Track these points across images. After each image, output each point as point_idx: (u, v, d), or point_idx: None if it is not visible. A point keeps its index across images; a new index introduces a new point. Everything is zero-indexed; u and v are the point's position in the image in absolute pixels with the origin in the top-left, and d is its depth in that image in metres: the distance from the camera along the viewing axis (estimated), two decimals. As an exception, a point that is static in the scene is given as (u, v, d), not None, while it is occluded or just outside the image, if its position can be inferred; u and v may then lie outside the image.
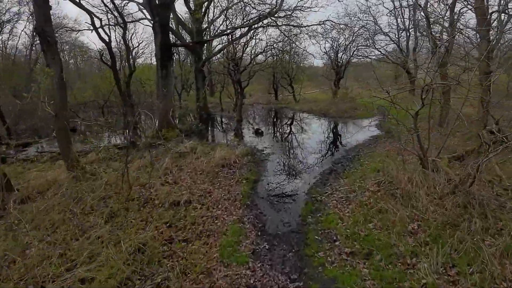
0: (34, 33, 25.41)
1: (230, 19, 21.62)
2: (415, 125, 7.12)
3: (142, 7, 18.80)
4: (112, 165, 10.03)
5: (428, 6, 15.95)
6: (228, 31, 19.29)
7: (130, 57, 15.92)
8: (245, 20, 19.83)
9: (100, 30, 14.21)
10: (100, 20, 13.59)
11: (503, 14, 12.73)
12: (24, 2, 25.68)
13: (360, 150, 11.71)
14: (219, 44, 27.02)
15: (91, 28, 14.11)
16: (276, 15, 20.70)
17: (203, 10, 20.97)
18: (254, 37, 20.96)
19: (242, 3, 20.34)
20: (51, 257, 5.03)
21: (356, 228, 5.79)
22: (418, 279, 4.38)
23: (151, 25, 16.12)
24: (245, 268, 4.96)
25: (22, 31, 45.86)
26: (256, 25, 19.71)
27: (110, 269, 4.72)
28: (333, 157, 11.23)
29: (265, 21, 21.27)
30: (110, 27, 18.53)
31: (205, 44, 25.23)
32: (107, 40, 13.93)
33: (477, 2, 10.69)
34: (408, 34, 28.86)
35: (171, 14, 21.13)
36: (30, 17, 26.76)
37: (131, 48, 18.08)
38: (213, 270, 4.89)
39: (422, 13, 19.49)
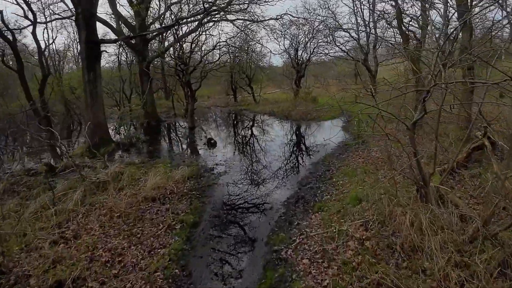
0: None
1: (176, 14, 18.87)
2: (412, 140, 5.05)
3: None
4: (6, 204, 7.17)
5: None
6: (170, 24, 16.54)
7: (43, 58, 12.72)
8: (191, 13, 17.19)
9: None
10: (1, 12, 10.41)
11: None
12: None
13: (330, 163, 9.65)
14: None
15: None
16: (228, 9, 18.38)
17: (145, 4, 18.08)
18: (205, 33, 18.37)
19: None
20: None
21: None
22: None
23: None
24: None
25: None
26: (205, 19, 17.17)
27: None
28: (299, 175, 9.07)
29: (217, 16, 18.92)
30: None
31: (150, 43, 22.29)
32: (11, 39, 10.79)
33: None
34: (369, 30, 27.53)
35: (113, 8, 18.13)
36: None
37: (44, 47, 14.68)
38: None
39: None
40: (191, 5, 18.25)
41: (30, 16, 11.13)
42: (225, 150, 12.46)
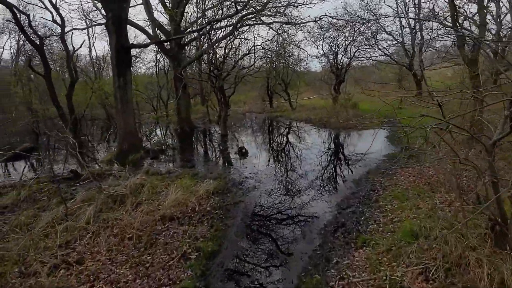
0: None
1: (209, 18, 18.37)
2: (491, 165, 3.81)
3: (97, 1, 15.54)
4: (21, 215, 6.75)
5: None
6: (201, 26, 15.97)
7: (73, 63, 12.62)
8: (226, 16, 16.55)
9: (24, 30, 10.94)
10: (28, 16, 10.36)
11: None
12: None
13: (375, 181, 8.38)
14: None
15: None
16: (264, 12, 17.56)
17: (180, 8, 17.76)
18: (239, 37, 17.67)
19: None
20: None
21: None
22: None
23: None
24: None
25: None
26: (240, 23, 16.46)
27: None
28: (338, 194, 7.91)
29: (252, 19, 18.19)
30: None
31: (188, 48, 22.11)
32: (38, 43, 10.71)
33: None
34: (414, 33, 25.53)
35: (149, 14, 18.02)
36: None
37: (72, 52, 14.64)
38: None
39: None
40: (225, 9, 17.64)
41: (58, 20, 11.08)
42: (257, 161, 11.53)
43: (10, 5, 9.70)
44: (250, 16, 17.05)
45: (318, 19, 18.86)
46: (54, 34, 15.65)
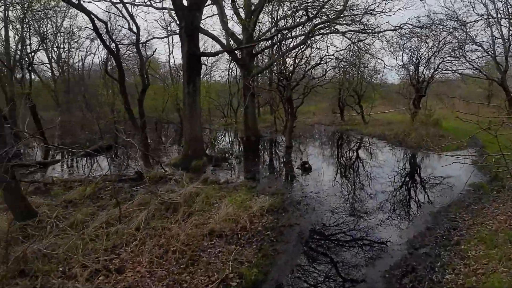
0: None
1: (281, 27, 18.07)
2: None
3: (172, 10, 16.20)
4: (79, 212, 7.00)
5: None
6: (273, 35, 15.68)
7: (145, 69, 13.22)
8: (297, 25, 16.07)
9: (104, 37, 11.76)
10: (106, 24, 11.12)
11: None
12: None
13: (457, 216, 6.98)
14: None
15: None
16: (339, 21, 16.74)
17: (255, 16, 17.83)
18: (311, 47, 17.02)
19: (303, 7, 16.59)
20: None
21: None
22: None
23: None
24: None
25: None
26: (312, 33, 15.83)
27: None
28: (411, 227, 6.74)
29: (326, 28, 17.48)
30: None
31: (257, 57, 22.15)
32: (114, 49, 11.44)
33: None
34: (508, 44, 22.03)
35: (223, 23, 18.44)
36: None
37: (146, 59, 15.35)
38: None
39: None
40: (297, 19, 17.19)
41: (134, 29, 11.75)
42: (320, 178, 10.68)
43: (89, 12, 10.49)
44: (323, 25, 16.37)
45: (398, 27, 17.41)
46: (132, 43, 16.82)
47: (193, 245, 5.56)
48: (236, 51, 19.44)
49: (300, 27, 17.21)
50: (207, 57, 29.37)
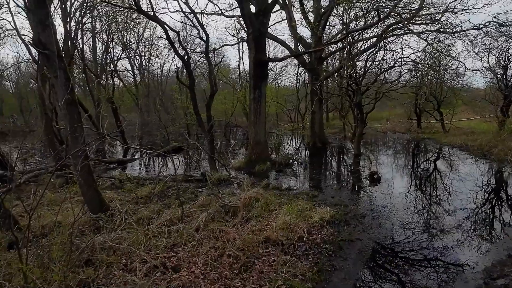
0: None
1: (348, 28, 17.34)
2: None
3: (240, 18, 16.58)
4: (147, 209, 7.48)
5: None
6: (341, 38, 15.07)
7: (213, 76, 13.65)
8: (367, 26, 15.22)
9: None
10: (178, 33, 11.77)
11: None
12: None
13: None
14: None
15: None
16: (414, 20, 15.47)
17: (324, 19, 17.42)
18: (384, 48, 16.02)
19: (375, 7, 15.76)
20: None
21: None
22: None
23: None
24: None
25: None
26: (384, 34, 14.87)
27: None
28: (490, 251, 5.79)
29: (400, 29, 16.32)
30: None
31: (326, 61, 21.59)
32: (185, 57, 12.03)
33: None
34: None
35: (291, 28, 18.43)
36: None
37: (214, 66, 15.84)
38: None
39: None
40: (369, 20, 16.30)
41: (204, 37, 12.25)
42: (389, 191, 9.88)
43: (162, 23, 11.22)
44: (397, 26, 15.30)
45: (483, 26, 15.47)
46: (203, 51, 17.74)
47: (248, 251, 5.49)
48: (304, 55, 19.19)
49: (372, 28, 16.30)
50: (277, 63, 29.68)
